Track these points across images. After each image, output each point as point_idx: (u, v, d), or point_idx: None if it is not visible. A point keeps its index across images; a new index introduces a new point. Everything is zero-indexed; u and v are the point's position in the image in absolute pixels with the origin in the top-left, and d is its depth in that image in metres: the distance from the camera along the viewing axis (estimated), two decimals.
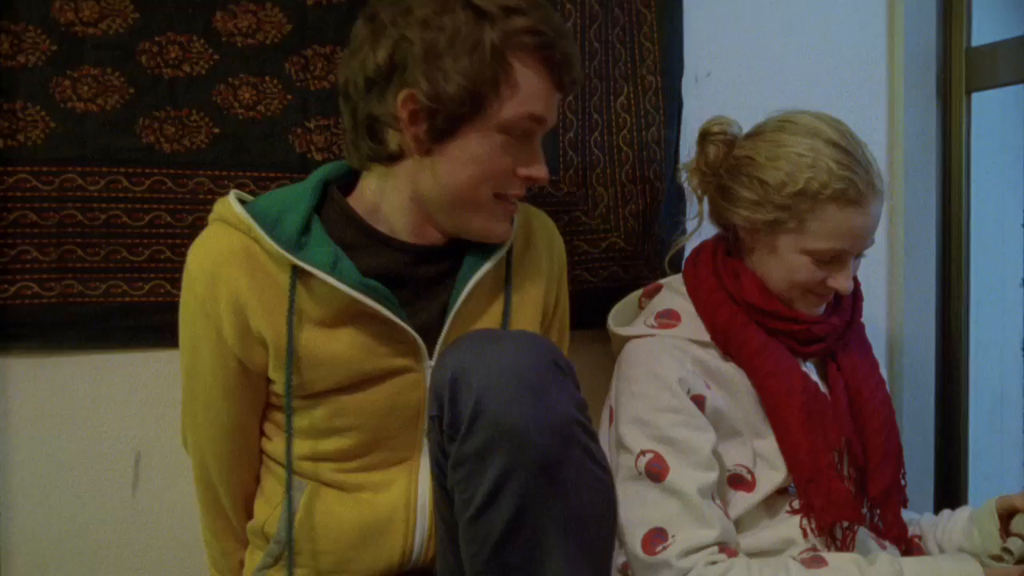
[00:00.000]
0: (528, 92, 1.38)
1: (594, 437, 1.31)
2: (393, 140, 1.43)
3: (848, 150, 1.62)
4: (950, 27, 2.34)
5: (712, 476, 1.57)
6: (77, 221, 1.64)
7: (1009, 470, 2.93)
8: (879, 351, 1.91)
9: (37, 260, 1.62)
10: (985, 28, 2.37)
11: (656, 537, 1.53)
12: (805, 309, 1.70)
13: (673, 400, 1.60)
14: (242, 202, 1.45)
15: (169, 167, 1.69)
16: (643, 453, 1.58)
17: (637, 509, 1.57)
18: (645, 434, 1.59)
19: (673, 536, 1.52)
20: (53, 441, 1.66)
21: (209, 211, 1.65)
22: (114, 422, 1.68)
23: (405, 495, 1.48)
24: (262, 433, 1.54)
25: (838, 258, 1.65)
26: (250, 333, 1.42)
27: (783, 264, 1.66)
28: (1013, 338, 2.94)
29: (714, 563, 1.51)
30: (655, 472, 1.56)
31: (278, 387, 1.44)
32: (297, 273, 1.41)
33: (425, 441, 1.48)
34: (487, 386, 1.21)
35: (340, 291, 1.39)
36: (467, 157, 1.40)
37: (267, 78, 1.74)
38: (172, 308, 1.64)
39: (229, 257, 1.41)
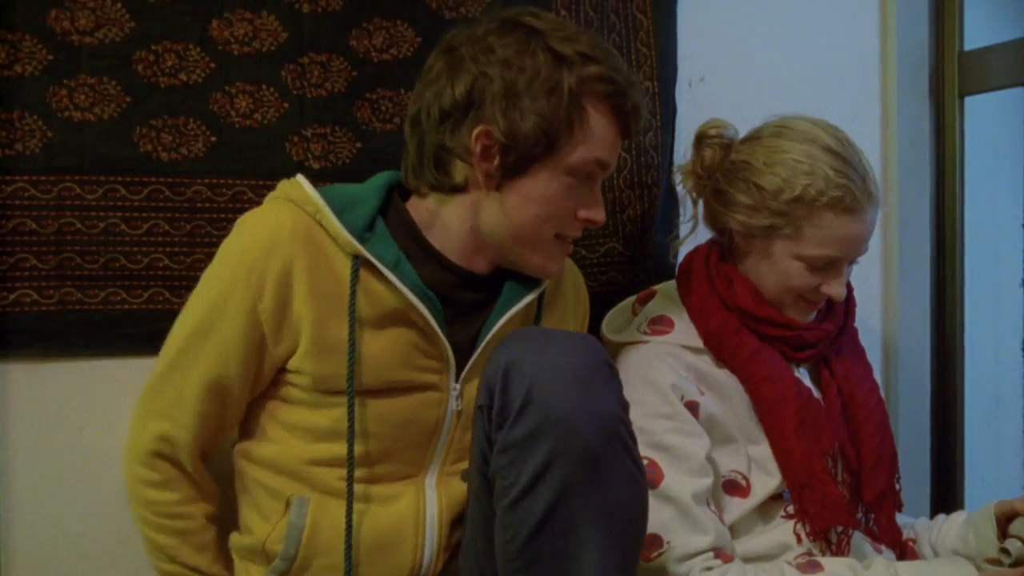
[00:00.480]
0: (598, 138, 1.43)
1: (634, 439, 1.33)
2: (460, 173, 1.46)
3: (845, 157, 1.62)
4: (943, 31, 2.35)
5: (706, 482, 1.58)
6: (76, 229, 1.63)
7: (1006, 473, 2.94)
8: (874, 355, 1.91)
9: (36, 268, 1.61)
10: (978, 32, 2.38)
11: (651, 544, 1.54)
12: (797, 316, 1.71)
13: (666, 406, 1.61)
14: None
15: (166, 175, 1.68)
16: None
17: None
18: (639, 440, 1.59)
19: (668, 542, 1.53)
20: (51, 447, 1.66)
21: (207, 219, 1.67)
22: (112, 429, 1.67)
23: (414, 509, 1.48)
24: (257, 437, 1.52)
25: (832, 265, 1.65)
26: (289, 313, 1.42)
27: (777, 269, 1.66)
28: (1009, 341, 2.95)
29: (710, 568, 1.52)
30: (649, 479, 1.53)
31: (303, 379, 1.44)
32: (358, 265, 1.42)
33: (435, 459, 1.51)
34: (539, 376, 1.24)
35: (397, 291, 1.42)
36: (535, 196, 1.43)
37: (263, 86, 1.74)
38: (171, 316, 1.63)
39: (292, 232, 1.42)
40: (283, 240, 1.41)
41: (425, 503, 1.49)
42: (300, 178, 1.47)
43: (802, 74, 2.18)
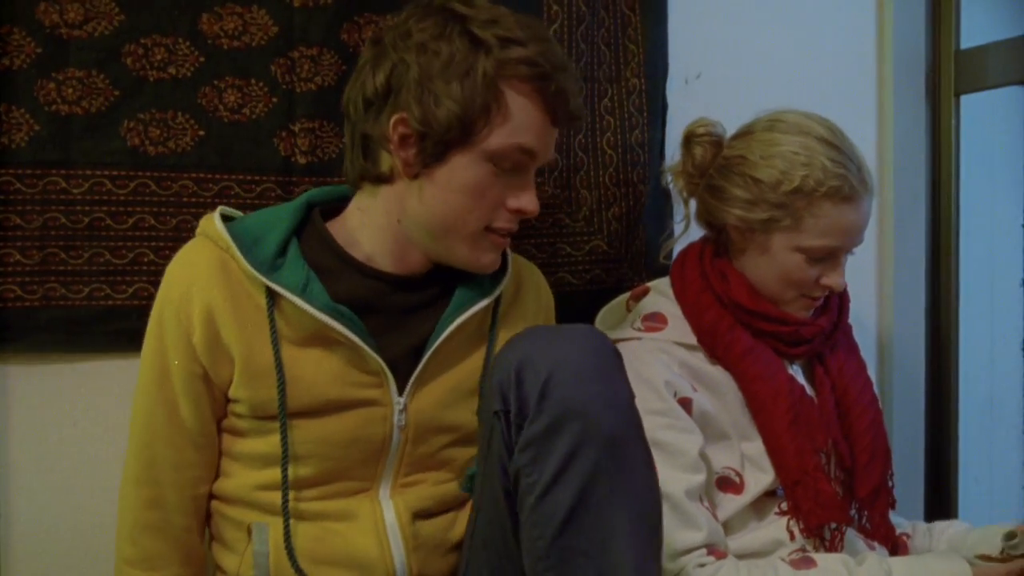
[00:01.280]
0: (519, 123, 1.38)
1: (643, 426, 1.33)
2: (385, 162, 1.44)
3: (840, 147, 1.63)
4: (939, 29, 2.34)
5: (699, 478, 1.58)
6: (60, 224, 1.64)
7: (1000, 472, 2.93)
8: (869, 353, 1.91)
9: (20, 263, 1.62)
10: (974, 30, 2.37)
11: None
12: (797, 312, 1.71)
13: (659, 403, 1.60)
14: (228, 218, 1.46)
15: (153, 170, 1.69)
16: None
17: None
18: None
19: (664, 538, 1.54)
20: (40, 445, 1.67)
21: (193, 213, 1.67)
22: (96, 425, 1.68)
23: (372, 520, 1.46)
24: (218, 474, 1.52)
25: (831, 255, 1.66)
26: (220, 345, 1.41)
27: (776, 263, 1.66)
28: (1005, 339, 2.94)
29: (703, 565, 1.53)
30: None
31: (241, 407, 1.43)
32: (273, 294, 1.42)
33: (386, 474, 1.48)
34: (554, 369, 1.23)
35: (308, 313, 1.39)
36: (455, 184, 1.40)
37: (252, 80, 1.74)
38: None
39: (207, 269, 1.42)
40: (200, 280, 1.41)
41: (382, 512, 1.47)
42: (215, 214, 1.46)
43: (798, 72, 2.17)
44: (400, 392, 1.46)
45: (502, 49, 1.36)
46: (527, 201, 1.43)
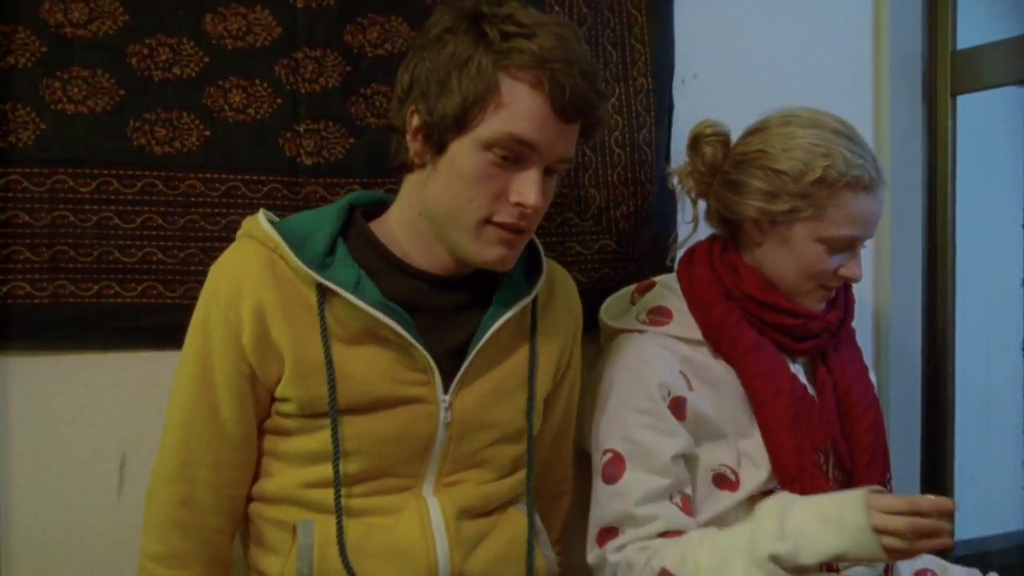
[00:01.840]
0: (514, 111, 1.37)
1: None
2: (407, 152, 1.47)
3: (855, 139, 1.67)
4: (935, 30, 2.36)
5: (663, 482, 1.62)
6: (69, 222, 1.63)
7: (995, 473, 2.95)
8: (865, 352, 1.91)
9: (29, 260, 1.61)
10: (971, 31, 2.39)
11: (608, 534, 1.63)
12: (812, 304, 1.73)
13: (646, 402, 1.64)
14: (271, 222, 1.47)
15: (160, 169, 1.68)
16: (605, 452, 1.65)
17: (595, 507, 1.66)
18: (613, 432, 1.65)
19: (622, 533, 1.61)
20: (42, 442, 1.65)
21: (200, 213, 1.68)
22: (101, 424, 1.67)
23: (417, 515, 1.47)
24: (259, 476, 1.52)
25: (850, 245, 1.69)
26: (269, 343, 1.42)
27: (796, 254, 1.69)
28: (1003, 338, 2.96)
29: (644, 549, 1.59)
30: (610, 473, 1.63)
31: (289, 406, 1.44)
32: (323, 292, 1.43)
33: (430, 471, 1.49)
34: None
35: (361, 310, 1.41)
36: (454, 172, 1.41)
37: (257, 81, 1.74)
38: (164, 310, 1.66)
39: (256, 269, 1.43)
40: (250, 280, 1.42)
41: (428, 508, 1.47)
42: (260, 215, 1.48)
43: (795, 72, 2.18)
44: (445, 390, 1.48)
45: (503, 41, 1.37)
46: (527, 194, 1.40)
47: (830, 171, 1.62)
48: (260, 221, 1.46)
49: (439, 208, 1.44)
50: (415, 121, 1.43)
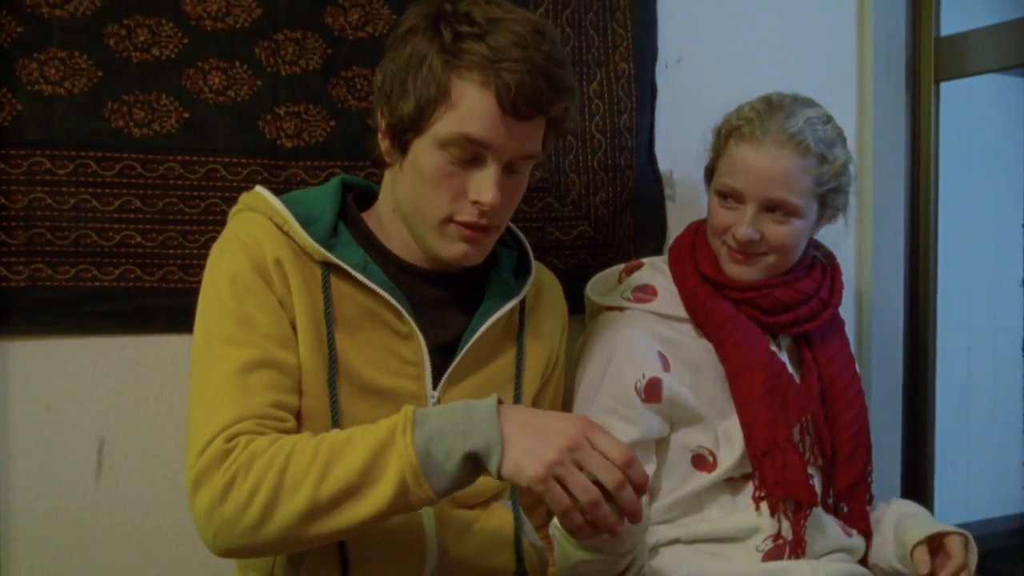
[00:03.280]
0: (465, 111, 1.37)
1: None
2: (381, 151, 1.48)
3: (774, 102, 1.69)
4: (919, 16, 2.36)
5: None
6: (46, 205, 1.62)
7: (974, 460, 2.97)
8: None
9: (5, 243, 1.60)
10: (954, 17, 2.39)
11: None
12: (728, 269, 1.73)
13: (616, 386, 1.66)
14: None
15: (138, 151, 1.67)
16: None
17: None
18: (581, 410, 1.68)
19: None
20: (18, 427, 1.65)
21: (179, 196, 1.68)
22: (79, 409, 1.67)
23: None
24: None
25: (738, 199, 1.69)
26: (289, 299, 1.40)
27: (710, 215, 1.74)
28: (980, 326, 2.97)
29: None
30: None
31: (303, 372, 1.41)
32: (328, 270, 1.43)
33: None
34: None
35: (368, 291, 1.43)
36: (415, 171, 1.41)
37: (237, 63, 1.73)
38: (142, 294, 1.65)
39: (270, 232, 1.42)
40: (266, 241, 1.41)
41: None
42: (260, 189, 1.47)
43: (779, 58, 2.19)
44: (434, 386, 1.48)
45: (455, 42, 1.36)
46: (484, 193, 1.39)
47: (726, 123, 1.71)
48: (266, 196, 1.46)
49: (407, 207, 1.45)
50: (382, 122, 1.44)
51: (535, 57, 1.36)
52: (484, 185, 1.39)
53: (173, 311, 1.67)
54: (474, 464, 1.22)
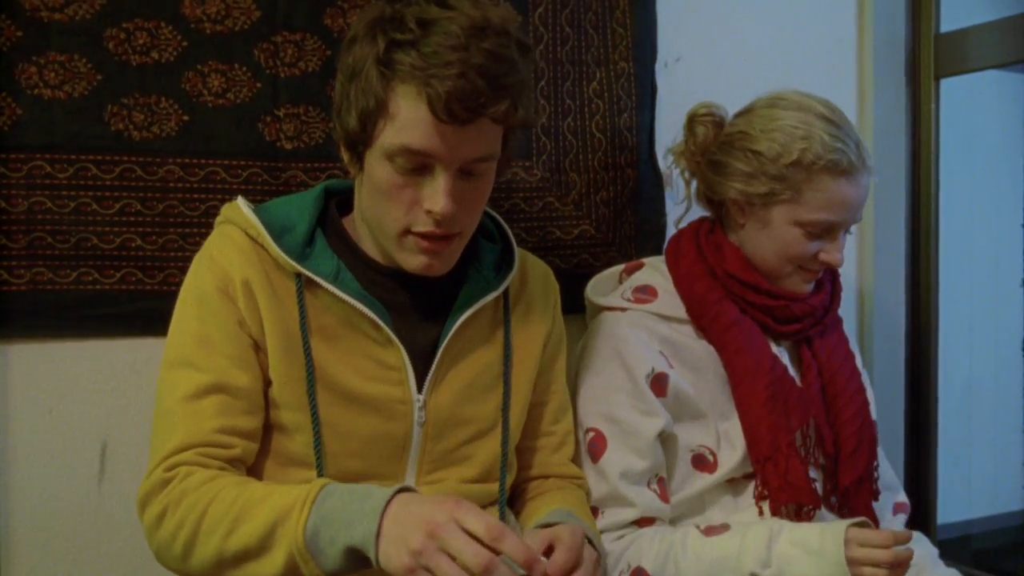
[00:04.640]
0: (403, 122, 1.33)
1: None
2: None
3: (838, 124, 1.66)
4: (919, 13, 2.36)
5: (643, 464, 1.63)
6: (46, 208, 1.62)
7: (977, 457, 2.97)
8: (849, 335, 1.92)
9: (7, 247, 1.60)
10: (954, 14, 2.38)
11: (592, 512, 1.63)
12: (795, 287, 1.73)
13: (629, 383, 1.65)
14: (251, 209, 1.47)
15: (138, 155, 1.67)
16: (588, 431, 1.66)
17: None
18: (595, 411, 1.67)
19: (602, 513, 1.63)
20: (21, 431, 1.65)
21: (179, 199, 1.67)
22: (81, 412, 1.67)
23: None
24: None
25: (829, 231, 1.68)
26: (258, 319, 1.40)
27: (775, 237, 1.69)
28: (981, 325, 2.97)
29: (621, 536, 1.60)
30: (593, 452, 1.64)
31: (273, 391, 1.41)
32: (301, 282, 1.42)
33: (409, 470, 1.48)
34: None
35: (341, 301, 1.41)
36: (371, 184, 1.40)
37: (236, 65, 1.73)
38: (143, 297, 1.65)
39: (241, 253, 1.42)
40: (237, 259, 1.41)
41: None
42: (239, 201, 1.47)
43: (779, 55, 2.19)
44: (419, 390, 1.47)
45: (387, 51, 1.32)
46: (435, 202, 1.36)
47: (807, 154, 1.62)
48: (241, 208, 1.45)
49: (369, 218, 1.45)
50: (338, 134, 1.43)
51: (471, 58, 1.30)
52: (435, 194, 1.36)
53: None
54: (360, 554, 1.21)
